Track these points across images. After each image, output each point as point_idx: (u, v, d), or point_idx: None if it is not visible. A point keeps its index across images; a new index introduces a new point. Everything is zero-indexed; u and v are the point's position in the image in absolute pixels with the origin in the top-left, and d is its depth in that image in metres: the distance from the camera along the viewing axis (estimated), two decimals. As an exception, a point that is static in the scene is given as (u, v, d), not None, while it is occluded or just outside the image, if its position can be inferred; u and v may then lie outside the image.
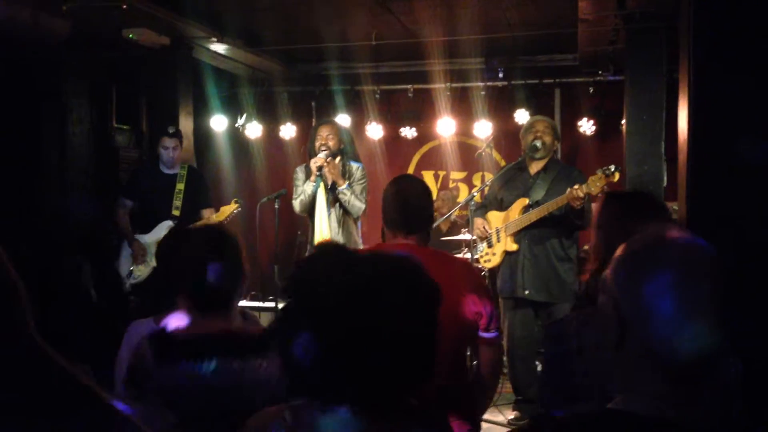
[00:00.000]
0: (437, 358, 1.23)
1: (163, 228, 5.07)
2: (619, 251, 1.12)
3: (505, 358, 4.60)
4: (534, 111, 6.12)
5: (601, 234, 1.99)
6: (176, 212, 5.12)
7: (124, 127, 6.33)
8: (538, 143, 4.39)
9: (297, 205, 4.61)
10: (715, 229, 2.86)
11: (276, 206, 4.73)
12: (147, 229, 5.11)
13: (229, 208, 5.11)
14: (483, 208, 4.67)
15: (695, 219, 3.01)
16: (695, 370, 1.03)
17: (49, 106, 5.46)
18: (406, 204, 2.40)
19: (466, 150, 6.98)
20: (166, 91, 6.09)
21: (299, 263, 1.28)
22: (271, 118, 7.11)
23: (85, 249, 4.91)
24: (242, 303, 5.18)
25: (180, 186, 5.17)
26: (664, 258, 1.06)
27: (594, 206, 2.11)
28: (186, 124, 6.14)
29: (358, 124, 6.83)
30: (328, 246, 1.32)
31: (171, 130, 5.24)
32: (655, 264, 1.06)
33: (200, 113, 6.70)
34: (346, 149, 4.63)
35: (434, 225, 5.01)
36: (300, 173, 4.68)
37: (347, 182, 4.49)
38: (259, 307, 5.71)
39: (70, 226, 5.23)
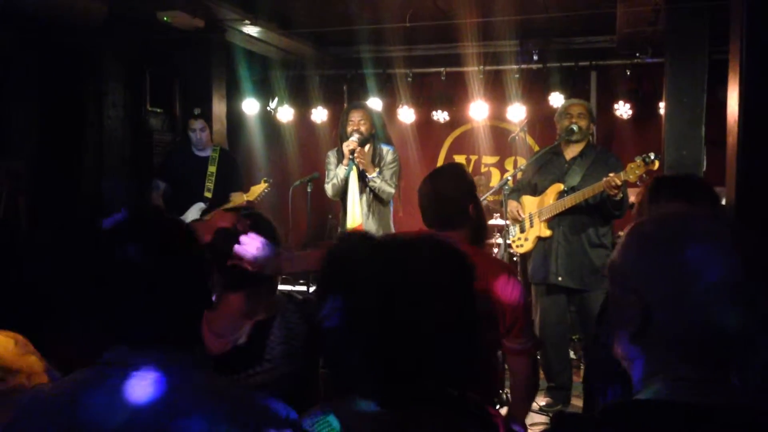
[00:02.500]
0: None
1: (195, 210, 5.12)
2: (625, 236, 1.07)
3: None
4: (569, 94, 6.02)
5: None
6: (208, 194, 5.17)
7: (158, 110, 6.38)
8: (574, 127, 4.31)
9: (329, 189, 4.61)
10: (764, 214, 2.76)
11: (308, 190, 4.72)
12: (180, 211, 5.15)
13: (259, 188, 5.13)
14: (517, 192, 4.62)
15: (744, 203, 2.91)
16: (728, 350, 0.99)
17: (88, 90, 5.53)
18: (438, 199, 2.32)
19: (499, 134, 6.90)
20: (199, 74, 6.12)
21: (330, 258, 1.27)
22: (302, 102, 7.10)
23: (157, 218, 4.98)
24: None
25: (212, 168, 5.21)
26: (687, 233, 1.00)
27: (638, 190, 2.03)
28: (219, 107, 6.16)
29: (390, 108, 6.79)
30: (357, 236, 1.31)
31: (196, 112, 5.28)
32: (681, 240, 0.99)
33: (233, 96, 6.73)
34: (378, 133, 4.61)
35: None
36: (332, 157, 4.68)
37: (377, 170, 4.48)
38: (289, 291, 5.74)
39: (106, 210, 5.30)
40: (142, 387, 1.22)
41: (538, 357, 4.47)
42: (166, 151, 6.01)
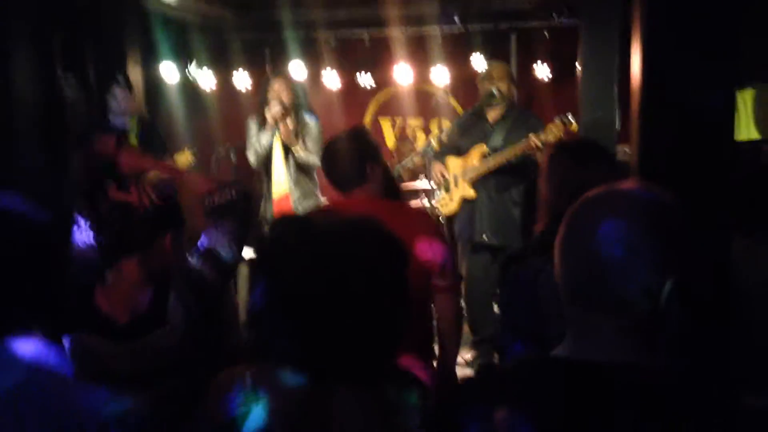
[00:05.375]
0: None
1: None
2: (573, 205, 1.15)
3: (463, 302, 4.70)
4: (490, 56, 6.11)
5: (551, 185, 2.02)
6: (129, 166, 5.02)
7: (69, 75, 6.09)
8: (495, 90, 4.40)
9: (251, 156, 4.57)
10: (664, 171, 2.94)
11: (232, 158, 4.66)
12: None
13: (183, 157, 4.99)
14: (441, 155, 4.70)
15: (645, 162, 3.08)
16: (645, 320, 1.06)
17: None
18: (334, 164, 2.48)
19: (423, 97, 6.95)
20: (113, 39, 5.87)
21: (262, 240, 1.28)
22: (224, 68, 6.93)
23: (36, 197, 4.78)
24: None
25: (133, 138, 5.06)
26: (612, 207, 1.09)
27: (541, 156, 2.15)
28: (135, 73, 5.94)
29: (314, 72, 6.72)
30: (288, 220, 1.32)
31: (120, 79, 5.08)
32: (604, 213, 1.08)
33: (149, 63, 6.49)
34: (300, 103, 4.59)
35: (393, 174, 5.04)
36: (253, 125, 4.62)
37: (300, 141, 4.47)
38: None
39: (21, 176, 5.07)
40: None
41: (463, 306, 4.63)
42: (81, 119, 5.77)
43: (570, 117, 4.12)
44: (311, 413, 1.19)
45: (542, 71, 6.38)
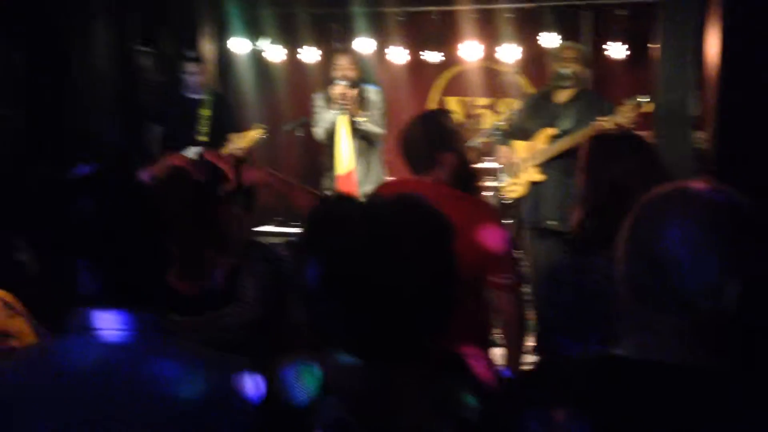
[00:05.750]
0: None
1: (189, 154, 5.11)
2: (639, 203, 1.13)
3: (529, 288, 4.64)
4: (561, 34, 5.96)
5: (587, 179, 1.95)
6: (203, 138, 5.15)
7: (147, 49, 6.27)
8: (566, 72, 4.30)
9: (318, 132, 4.63)
10: (742, 160, 2.80)
11: (297, 134, 4.73)
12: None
13: (253, 134, 5.09)
14: (508, 137, 4.63)
15: (723, 150, 2.95)
16: (709, 320, 1.04)
17: (74, 29, 5.42)
18: (407, 146, 2.48)
19: (492, 76, 6.84)
20: (187, 15, 6.00)
21: (310, 220, 1.29)
22: (292, 41, 6.98)
23: (114, 173, 4.97)
24: (268, 228, 5.26)
25: (206, 112, 5.18)
26: (680, 207, 1.08)
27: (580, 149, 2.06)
28: (207, 47, 6.06)
29: (380, 48, 6.70)
30: (333, 200, 1.33)
31: (191, 55, 5.20)
32: (672, 213, 1.07)
33: (222, 36, 6.61)
34: (365, 76, 4.63)
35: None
36: (319, 100, 4.68)
37: (366, 113, 4.50)
38: (283, 232, 5.79)
39: (97, 150, 5.28)
40: (113, 347, 1.28)
41: (526, 297, 4.57)
42: (159, 94, 5.94)
43: (642, 99, 3.98)
44: (373, 396, 1.21)
45: (616, 51, 6.18)
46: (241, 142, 5.14)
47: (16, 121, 4.74)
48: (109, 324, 1.29)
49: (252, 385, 1.31)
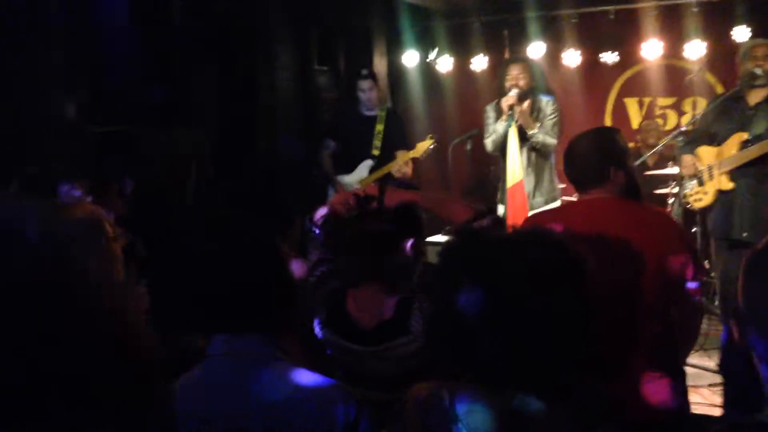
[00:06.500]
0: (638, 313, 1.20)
1: (364, 167, 5.32)
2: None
3: (717, 302, 4.32)
4: (756, 28, 5.43)
5: None
6: (376, 152, 5.34)
7: (324, 68, 6.61)
8: (758, 71, 3.91)
9: (489, 144, 4.60)
10: None
11: (467, 147, 4.73)
12: (349, 170, 5.38)
13: (425, 144, 5.19)
14: (692, 143, 4.30)
15: None
16: None
17: (259, 56, 5.85)
18: (575, 160, 2.41)
19: (675, 73, 6.39)
20: (360, 31, 6.24)
21: (470, 246, 1.30)
22: (462, 51, 7.01)
23: (296, 189, 5.32)
24: (435, 238, 5.32)
25: (379, 127, 5.36)
26: None
27: None
28: (380, 63, 6.27)
29: (554, 52, 6.52)
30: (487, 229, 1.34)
31: (364, 72, 5.40)
32: None
33: (394, 51, 6.79)
34: (538, 85, 4.52)
35: (639, 161, 4.75)
36: (491, 111, 4.64)
37: (538, 124, 4.40)
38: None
39: (282, 169, 5.65)
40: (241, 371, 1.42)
41: (714, 311, 4.23)
42: (335, 110, 6.24)
43: None
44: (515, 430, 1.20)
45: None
46: (414, 153, 5.25)
47: (210, 143, 5.20)
48: (238, 349, 1.42)
49: (344, 411, 1.40)
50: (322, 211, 2.34)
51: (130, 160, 4.34)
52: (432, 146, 5.19)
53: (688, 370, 2.56)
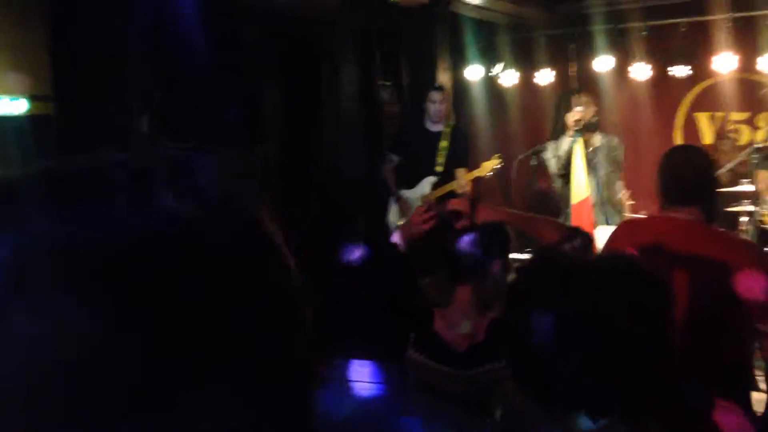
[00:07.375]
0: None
1: (426, 183, 5.31)
2: None
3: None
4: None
5: None
6: (439, 168, 5.32)
7: (387, 83, 6.65)
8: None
9: (552, 161, 4.56)
10: None
11: (532, 162, 4.69)
12: (412, 184, 5.38)
13: (491, 164, 5.14)
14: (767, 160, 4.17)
15: None
16: None
17: (324, 71, 5.96)
18: (670, 176, 2.33)
19: (749, 88, 6.19)
20: (424, 46, 6.27)
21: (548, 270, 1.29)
22: (527, 65, 6.95)
23: (359, 204, 5.36)
24: (522, 255, 5.32)
25: (444, 143, 5.34)
26: None
27: None
28: (444, 78, 6.27)
29: (621, 66, 6.40)
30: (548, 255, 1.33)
31: (437, 85, 5.41)
32: None
33: (457, 65, 6.79)
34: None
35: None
36: (556, 129, 4.62)
37: (603, 138, 4.37)
38: (515, 258, 5.75)
39: (345, 183, 5.72)
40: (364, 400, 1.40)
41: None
42: (399, 124, 6.26)
43: None
44: None
45: None
46: (479, 171, 5.21)
47: (275, 156, 5.32)
48: (363, 376, 1.42)
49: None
50: (396, 237, 2.32)
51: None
52: (498, 165, 5.14)
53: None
